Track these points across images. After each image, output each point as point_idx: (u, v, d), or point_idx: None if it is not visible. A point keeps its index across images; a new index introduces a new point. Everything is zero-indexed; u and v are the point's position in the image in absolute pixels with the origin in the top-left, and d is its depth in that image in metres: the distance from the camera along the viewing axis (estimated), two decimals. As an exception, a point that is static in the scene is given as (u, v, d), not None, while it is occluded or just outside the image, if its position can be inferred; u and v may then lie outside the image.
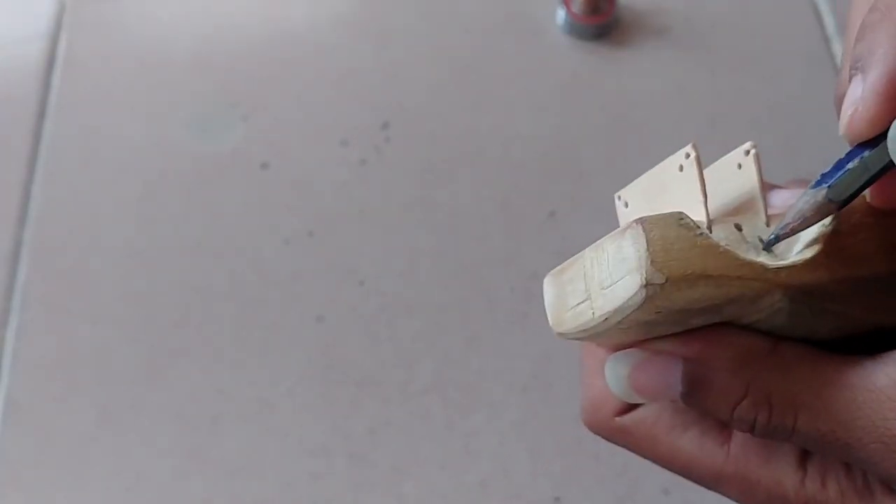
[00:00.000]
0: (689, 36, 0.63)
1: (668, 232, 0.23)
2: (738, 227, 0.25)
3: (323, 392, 0.50)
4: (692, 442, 0.27)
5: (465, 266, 0.54)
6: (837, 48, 0.62)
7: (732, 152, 0.27)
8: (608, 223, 0.28)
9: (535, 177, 0.57)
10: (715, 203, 0.26)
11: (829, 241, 0.25)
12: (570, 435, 0.48)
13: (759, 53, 0.62)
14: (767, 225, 0.25)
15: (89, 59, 0.63)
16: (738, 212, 0.26)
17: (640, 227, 0.23)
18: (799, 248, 0.25)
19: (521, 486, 0.47)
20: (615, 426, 0.29)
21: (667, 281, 0.22)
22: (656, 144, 0.57)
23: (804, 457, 0.26)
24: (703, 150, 0.26)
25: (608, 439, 0.30)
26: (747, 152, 0.26)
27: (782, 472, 0.26)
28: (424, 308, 0.52)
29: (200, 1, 0.66)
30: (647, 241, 0.23)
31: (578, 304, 0.25)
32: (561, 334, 0.26)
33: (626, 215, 0.28)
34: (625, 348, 0.27)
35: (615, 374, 0.26)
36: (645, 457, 0.29)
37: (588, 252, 0.25)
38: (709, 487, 0.28)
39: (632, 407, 0.28)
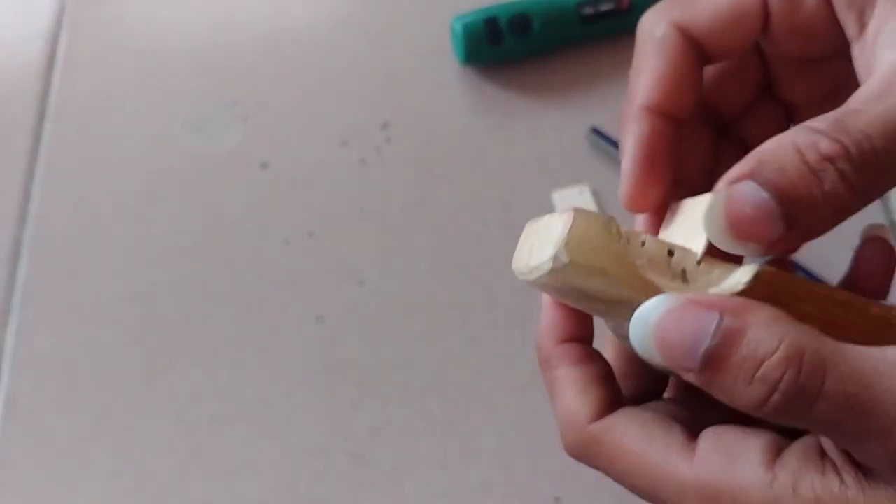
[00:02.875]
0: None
1: (591, 228, 0.27)
2: (671, 253, 0.27)
3: (323, 392, 0.50)
4: (658, 453, 0.28)
5: (465, 266, 0.54)
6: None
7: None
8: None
9: (534, 176, 0.57)
10: (682, 229, 0.29)
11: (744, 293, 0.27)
12: (570, 435, 0.48)
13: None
14: (698, 263, 0.27)
15: (89, 59, 0.63)
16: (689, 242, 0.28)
17: (572, 215, 0.27)
18: (713, 291, 0.27)
19: (521, 486, 0.47)
20: (588, 436, 0.29)
21: (570, 263, 0.26)
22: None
23: (773, 460, 0.26)
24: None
25: (585, 458, 0.30)
26: None
27: (748, 478, 0.26)
28: (424, 308, 0.52)
29: (200, 1, 0.66)
30: (571, 227, 0.27)
31: (524, 252, 0.29)
32: (515, 270, 0.30)
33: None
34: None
35: (643, 321, 0.26)
36: (614, 473, 0.29)
37: (547, 216, 0.29)
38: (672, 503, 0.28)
39: (603, 415, 0.29)
